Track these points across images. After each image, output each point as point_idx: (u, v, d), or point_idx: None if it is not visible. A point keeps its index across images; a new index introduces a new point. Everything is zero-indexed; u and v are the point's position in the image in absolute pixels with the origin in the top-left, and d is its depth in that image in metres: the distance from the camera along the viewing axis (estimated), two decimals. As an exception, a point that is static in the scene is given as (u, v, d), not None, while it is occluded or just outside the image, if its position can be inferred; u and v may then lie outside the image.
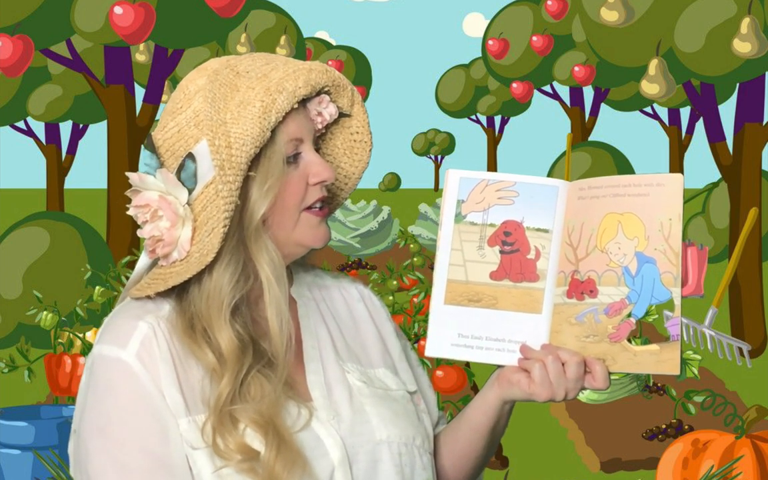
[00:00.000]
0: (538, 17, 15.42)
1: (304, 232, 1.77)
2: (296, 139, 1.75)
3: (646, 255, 1.74)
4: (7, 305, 8.46)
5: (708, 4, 9.01)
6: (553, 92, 18.17)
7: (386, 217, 14.76)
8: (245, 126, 1.70)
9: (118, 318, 1.75)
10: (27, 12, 9.15)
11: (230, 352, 1.70)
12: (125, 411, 1.68)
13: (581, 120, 18.47)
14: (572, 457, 6.45)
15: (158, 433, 1.67)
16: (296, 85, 1.74)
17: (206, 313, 1.71)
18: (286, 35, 13.50)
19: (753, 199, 9.55)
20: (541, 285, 1.79)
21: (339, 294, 1.93)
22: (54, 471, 2.53)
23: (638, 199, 1.75)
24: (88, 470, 1.70)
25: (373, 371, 1.86)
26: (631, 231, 1.76)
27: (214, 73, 1.74)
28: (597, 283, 1.76)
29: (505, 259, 1.81)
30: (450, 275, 1.82)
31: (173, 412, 1.68)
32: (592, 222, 1.77)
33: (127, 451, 1.67)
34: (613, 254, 1.76)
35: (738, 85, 9.80)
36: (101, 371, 1.72)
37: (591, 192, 1.79)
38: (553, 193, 1.81)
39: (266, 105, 1.71)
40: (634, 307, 1.74)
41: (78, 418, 1.76)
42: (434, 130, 35.72)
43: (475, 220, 1.82)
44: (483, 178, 1.83)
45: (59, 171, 16.60)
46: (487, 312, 1.80)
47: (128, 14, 8.82)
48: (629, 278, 1.74)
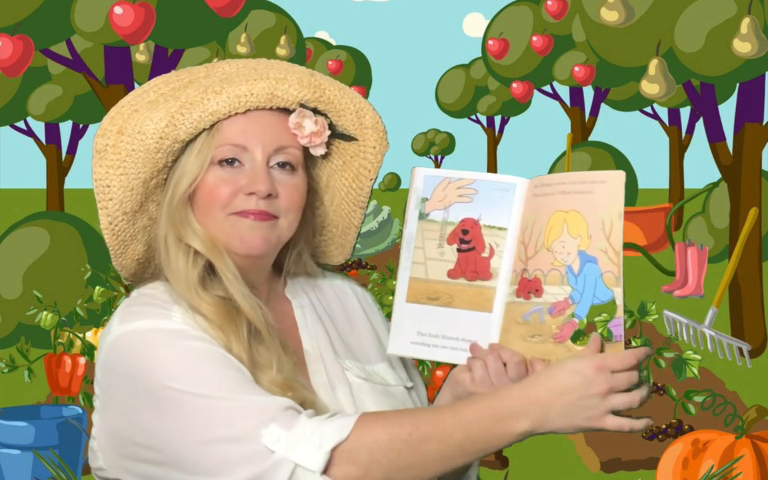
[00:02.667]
0: (538, 17, 15.41)
1: (230, 235, 1.76)
2: (236, 145, 1.75)
3: (588, 254, 1.70)
4: (7, 305, 8.46)
5: (708, 4, 9.01)
6: (553, 92, 18.17)
7: (386, 217, 14.75)
8: (150, 116, 1.72)
9: (138, 307, 1.73)
10: (27, 12, 9.15)
11: (217, 314, 1.71)
12: (203, 342, 1.67)
13: (581, 120, 18.47)
14: (572, 457, 6.45)
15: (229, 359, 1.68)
16: (244, 90, 1.73)
17: (183, 293, 1.73)
18: (286, 35, 13.49)
19: (753, 199, 9.55)
20: (494, 283, 1.77)
21: (332, 292, 1.93)
22: (54, 471, 2.51)
23: (583, 196, 1.72)
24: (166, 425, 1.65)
25: (371, 367, 1.86)
26: (575, 229, 1.72)
27: (202, 65, 1.79)
28: (543, 282, 1.73)
29: (462, 257, 1.79)
30: (412, 273, 1.82)
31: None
32: (542, 220, 1.75)
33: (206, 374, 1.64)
34: (557, 253, 1.72)
35: (738, 85, 9.79)
36: (150, 338, 1.68)
37: (543, 189, 1.76)
38: (510, 190, 1.79)
39: (190, 102, 1.72)
40: (576, 307, 1.70)
41: (115, 407, 1.71)
42: (434, 130, 35.68)
43: (436, 218, 1.81)
44: (446, 176, 1.82)
45: (59, 171, 16.60)
46: (444, 310, 1.79)
47: (128, 14, 8.82)
48: (572, 277, 1.71)
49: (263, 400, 1.62)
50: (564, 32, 14.34)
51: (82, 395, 6.00)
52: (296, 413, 1.61)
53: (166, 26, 9.49)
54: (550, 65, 15.92)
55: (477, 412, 1.62)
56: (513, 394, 1.63)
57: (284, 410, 1.61)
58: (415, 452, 1.60)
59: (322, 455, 1.57)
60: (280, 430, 1.59)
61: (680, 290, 9.05)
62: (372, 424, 1.60)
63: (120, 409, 1.70)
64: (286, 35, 13.48)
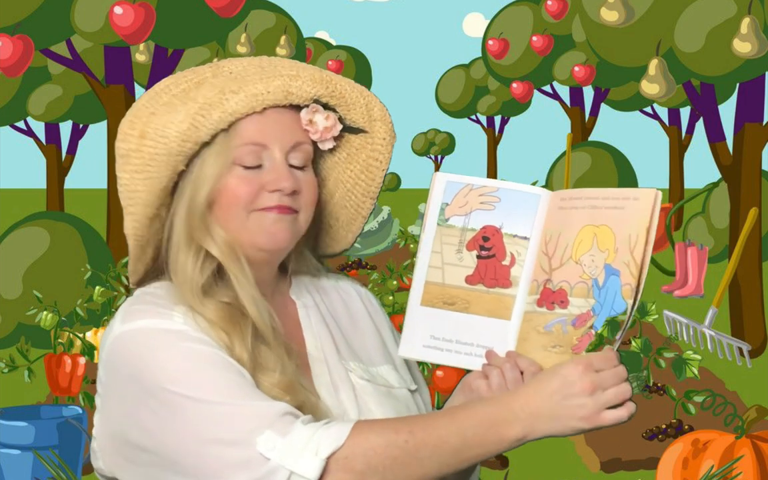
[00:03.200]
0: (538, 17, 15.42)
1: (255, 232, 1.76)
2: (256, 144, 1.75)
3: (613, 267, 1.71)
4: (7, 305, 8.46)
5: (708, 4, 9.01)
6: (553, 92, 18.17)
7: (386, 217, 14.75)
8: (170, 118, 1.71)
9: (140, 307, 1.73)
10: (27, 12, 9.15)
11: (222, 318, 1.70)
12: (203, 345, 1.66)
13: (581, 120, 18.47)
14: (572, 457, 6.45)
15: (228, 359, 1.67)
16: (261, 89, 1.73)
17: (187, 297, 1.72)
18: (286, 35, 13.50)
19: (753, 199, 9.55)
20: (513, 292, 1.78)
21: (337, 294, 1.93)
22: (54, 471, 2.51)
23: (614, 211, 1.73)
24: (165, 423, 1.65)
25: (375, 369, 1.86)
26: (603, 243, 1.73)
27: (207, 66, 1.77)
28: (569, 294, 1.74)
29: (481, 263, 1.79)
30: (428, 277, 1.82)
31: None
32: (570, 233, 1.76)
33: (205, 378, 1.64)
34: (586, 266, 1.73)
35: (738, 85, 9.79)
36: (150, 339, 1.68)
37: (571, 203, 1.77)
38: (534, 201, 1.79)
39: (209, 103, 1.72)
40: (596, 319, 1.71)
41: (116, 406, 1.71)
42: (434, 130, 35.68)
43: (456, 223, 1.82)
44: (468, 182, 1.83)
45: (59, 171, 16.60)
46: (459, 315, 1.80)
47: (128, 14, 8.82)
48: (596, 290, 1.72)
49: (260, 405, 1.62)
50: (564, 32, 14.34)
51: (82, 395, 6.00)
52: (293, 419, 1.61)
53: (166, 26, 9.49)
54: (550, 65, 15.93)
55: (472, 418, 1.63)
56: (506, 399, 1.65)
57: (281, 416, 1.61)
58: (412, 458, 1.60)
59: (317, 463, 1.58)
60: (275, 437, 1.59)
61: (680, 290, 9.05)
62: (368, 431, 1.60)
63: (120, 409, 1.70)
64: (286, 35, 13.49)
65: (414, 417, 1.66)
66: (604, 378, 1.64)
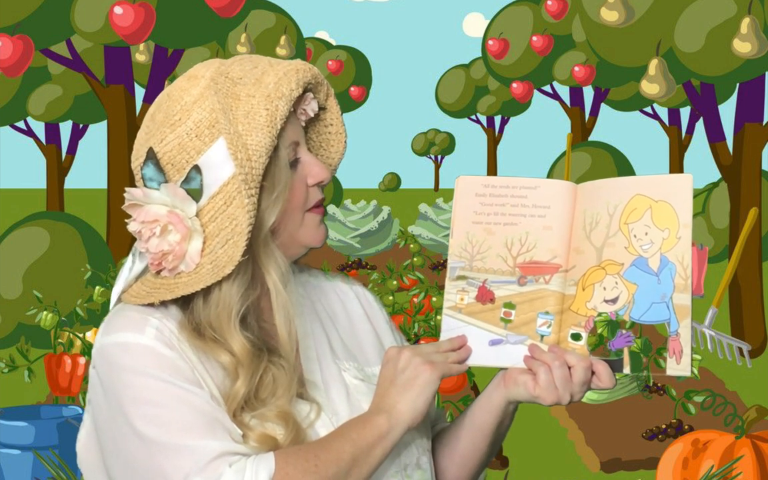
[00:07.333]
0: (538, 17, 15.42)
1: (308, 232, 1.77)
2: (294, 142, 1.75)
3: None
4: (7, 305, 8.46)
5: (708, 4, 9.01)
6: (553, 92, 18.17)
7: (386, 217, 14.75)
8: (258, 137, 1.69)
9: (122, 314, 1.72)
10: (27, 12, 9.16)
11: (244, 355, 1.70)
12: (159, 380, 1.66)
13: (581, 120, 18.47)
14: (572, 457, 6.45)
15: (198, 392, 1.66)
16: (290, 87, 1.72)
17: (216, 322, 1.70)
18: (286, 35, 13.50)
19: (753, 199, 9.55)
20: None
21: (334, 294, 1.93)
22: (54, 471, 2.52)
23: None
24: (127, 446, 1.67)
25: (370, 369, 1.86)
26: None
27: (212, 81, 1.72)
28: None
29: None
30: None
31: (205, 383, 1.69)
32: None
33: (170, 412, 1.65)
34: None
35: (738, 85, 9.80)
36: (120, 357, 1.68)
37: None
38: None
39: (271, 113, 1.70)
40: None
41: (96, 415, 1.73)
42: (434, 130, 35.72)
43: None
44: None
45: (59, 171, 16.61)
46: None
47: (128, 14, 8.83)
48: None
49: (198, 446, 1.62)
50: (564, 32, 14.35)
51: (82, 395, 6.00)
52: (226, 464, 1.62)
53: (166, 26, 9.50)
54: (550, 65, 15.93)
55: (354, 422, 1.70)
56: (374, 395, 1.74)
57: (212, 461, 1.62)
58: (324, 478, 1.64)
59: None
60: None
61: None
62: (284, 464, 1.63)
63: (95, 419, 1.73)
64: (286, 35, 13.49)
65: (317, 441, 1.69)
66: (419, 348, 1.75)
